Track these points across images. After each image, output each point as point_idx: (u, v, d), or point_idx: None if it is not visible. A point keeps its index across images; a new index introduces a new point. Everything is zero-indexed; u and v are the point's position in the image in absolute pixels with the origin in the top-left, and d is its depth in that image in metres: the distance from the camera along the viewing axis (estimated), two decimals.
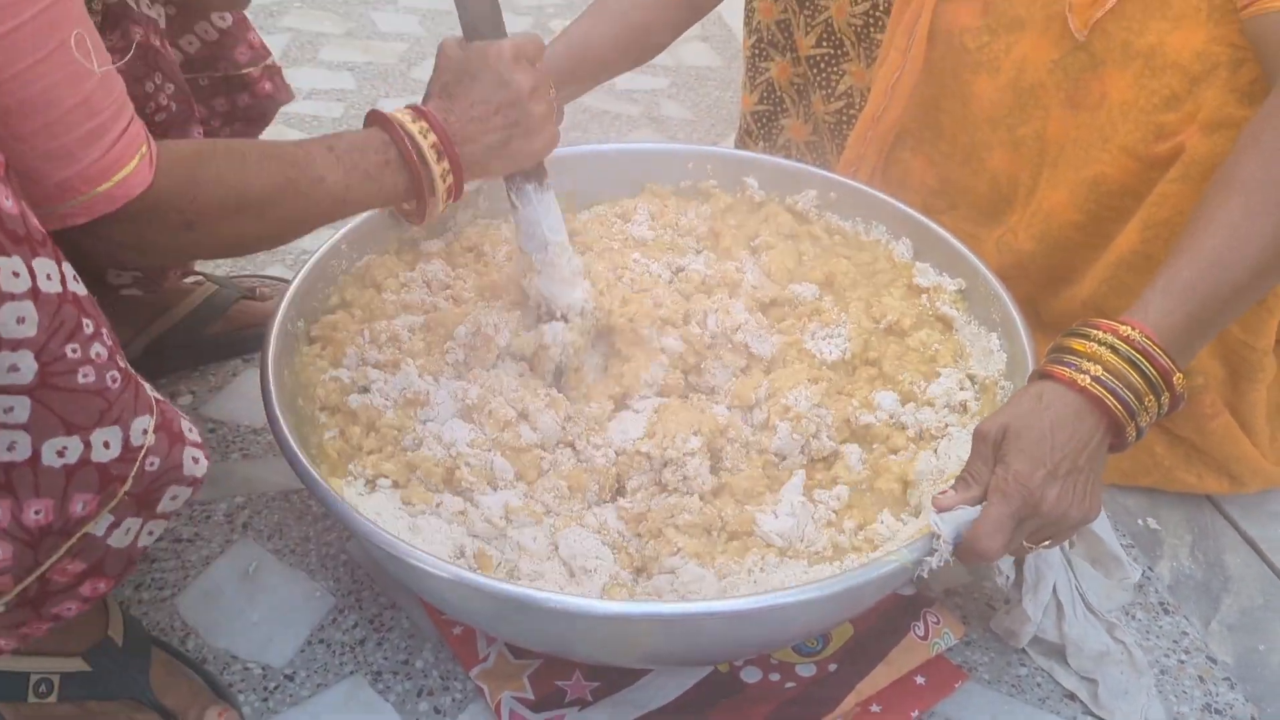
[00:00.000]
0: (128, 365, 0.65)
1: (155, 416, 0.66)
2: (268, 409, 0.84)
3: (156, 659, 0.84)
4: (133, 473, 0.64)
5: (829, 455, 0.92)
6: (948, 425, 0.93)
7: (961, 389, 0.96)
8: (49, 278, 0.58)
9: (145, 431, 0.64)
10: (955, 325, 1.02)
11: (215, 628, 0.93)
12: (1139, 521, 1.10)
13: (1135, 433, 0.76)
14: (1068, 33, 0.99)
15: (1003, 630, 0.94)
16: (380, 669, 0.90)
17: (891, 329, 1.01)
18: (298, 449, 0.81)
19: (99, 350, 0.61)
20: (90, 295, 0.62)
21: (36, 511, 0.61)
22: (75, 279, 0.60)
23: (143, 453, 0.65)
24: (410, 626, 0.94)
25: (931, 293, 1.04)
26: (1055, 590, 0.90)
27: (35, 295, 0.56)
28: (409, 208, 0.89)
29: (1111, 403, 0.74)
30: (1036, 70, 1.02)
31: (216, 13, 1.05)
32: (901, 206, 1.11)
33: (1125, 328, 0.75)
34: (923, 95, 1.15)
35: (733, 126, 1.78)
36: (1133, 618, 0.99)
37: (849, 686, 0.88)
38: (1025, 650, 0.94)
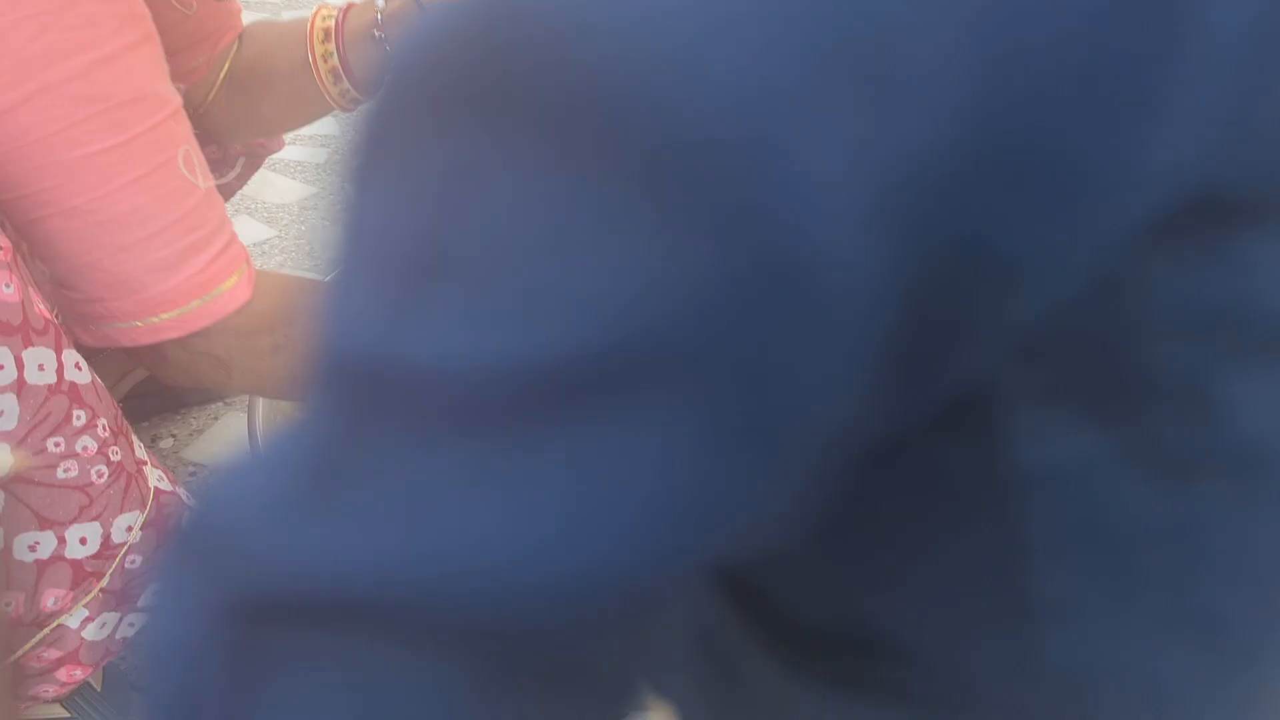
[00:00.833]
0: (128, 457, 0.63)
1: (148, 512, 0.64)
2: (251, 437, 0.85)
3: (137, 705, 0.83)
4: (110, 570, 0.63)
5: None
6: None
7: None
8: (41, 368, 0.57)
9: (130, 529, 0.63)
10: None
11: None
12: None
13: None
14: None
15: None
16: None
17: None
18: None
19: (87, 443, 0.59)
20: (95, 383, 0.61)
21: (6, 604, 0.59)
22: (77, 367, 0.60)
23: (124, 550, 0.63)
24: None
25: None
26: None
27: (20, 387, 0.56)
28: None
29: None
30: None
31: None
32: None
33: None
34: None
35: None
36: None
37: None
38: None
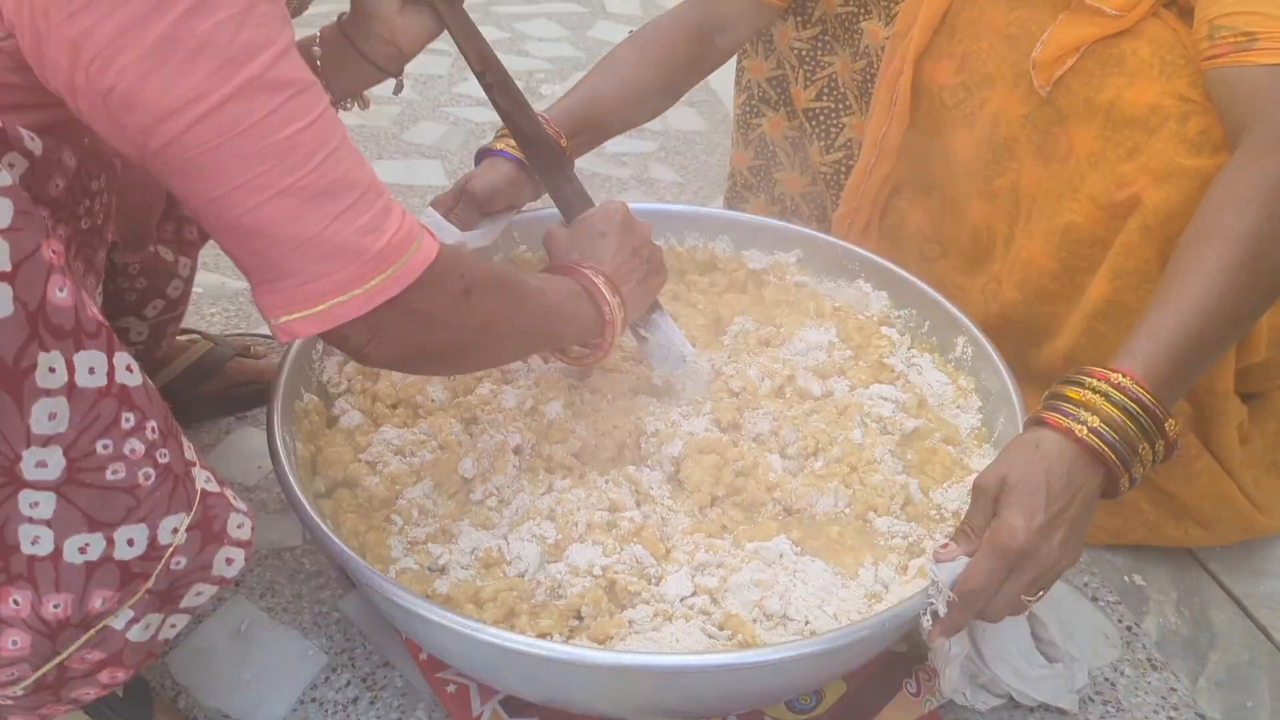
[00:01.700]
0: (176, 459, 0.64)
1: (195, 514, 0.65)
2: (271, 449, 0.86)
3: (158, 709, 0.83)
4: (156, 571, 0.64)
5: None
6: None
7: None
8: (91, 371, 0.58)
9: (175, 530, 0.64)
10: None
11: (206, 687, 0.92)
12: (1124, 578, 1.11)
13: (1129, 481, 0.78)
14: (1034, 89, 1.03)
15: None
16: None
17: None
18: (300, 492, 0.82)
19: (134, 446, 0.61)
20: (146, 385, 0.63)
21: (55, 605, 0.61)
22: (129, 369, 0.61)
23: (169, 552, 0.64)
24: (404, 685, 0.93)
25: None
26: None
27: (70, 391, 0.57)
28: (575, 354, 0.97)
29: (1108, 455, 0.76)
30: (1009, 124, 1.06)
31: None
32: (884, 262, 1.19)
33: (1116, 375, 0.77)
34: (914, 148, 1.20)
35: (719, 189, 1.82)
36: (1121, 674, 1.00)
37: None
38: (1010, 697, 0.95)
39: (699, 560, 0.87)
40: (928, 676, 0.94)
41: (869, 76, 1.32)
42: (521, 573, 0.86)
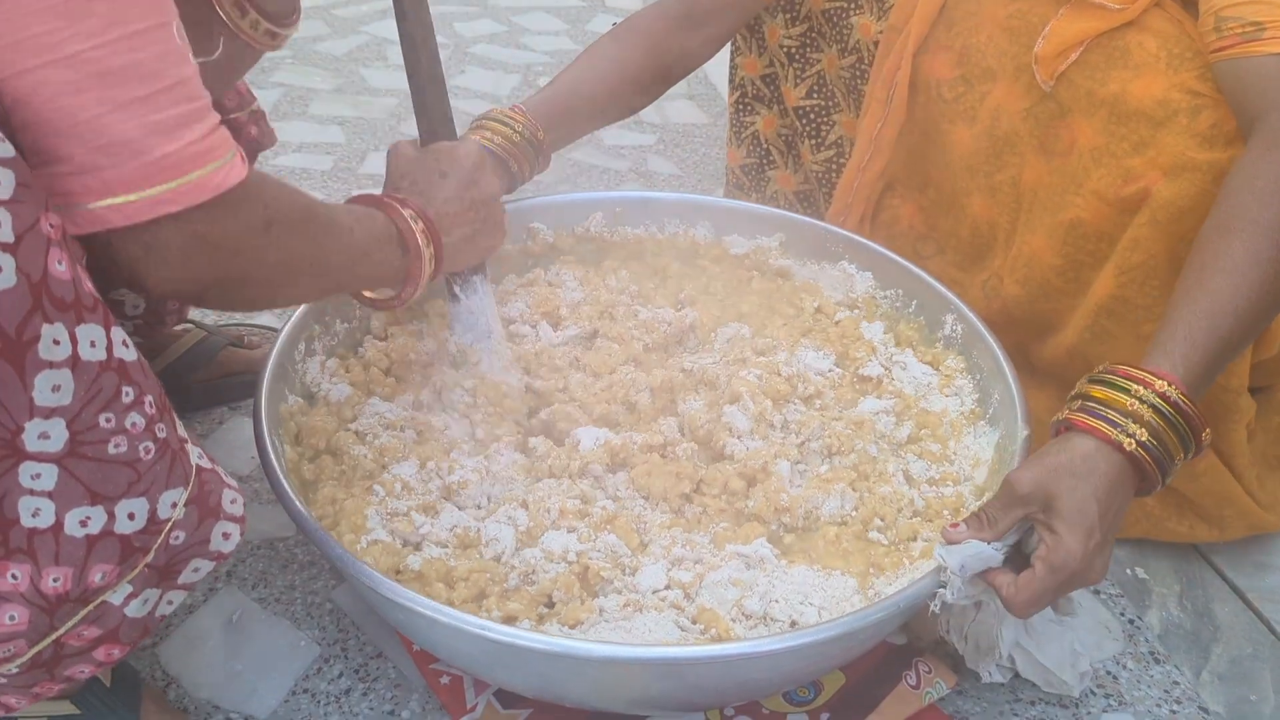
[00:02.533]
0: (172, 434, 0.64)
1: (191, 489, 0.65)
2: (260, 449, 0.84)
3: (147, 699, 0.82)
4: (156, 545, 0.64)
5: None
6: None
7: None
8: (93, 345, 0.58)
9: (174, 505, 0.64)
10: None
11: (197, 677, 0.91)
12: (1127, 571, 1.10)
13: (1160, 485, 0.78)
14: (1036, 82, 1.02)
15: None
16: (366, 719, 0.88)
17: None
18: (290, 489, 0.80)
19: (135, 420, 0.60)
20: (141, 361, 0.62)
21: (55, 579, 0.60)
22: (125, 344, 0.60)
23: (168, 526, 0.64)
24: (397, 676, 0.92)
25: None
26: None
27: (74, 363, 0.57)
28: (378, 296, 0.90)
29: (1153, 469, 0.75)
30: (1010, 119, 1.05)
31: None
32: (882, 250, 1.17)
33: (1162, 383, 0.76)
34: (908, 144, 1.18)
35: (719, 181, 1.81)
36: (1124, 667, 0.99)
37: None
38: (1006, 683, 0.94)
39: (675, 555, 0.86)
40: (927, 669, 0.93)
41: (858, 73, 1.30)
42: (497, 555, 0.85)
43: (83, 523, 0.60)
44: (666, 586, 0.83)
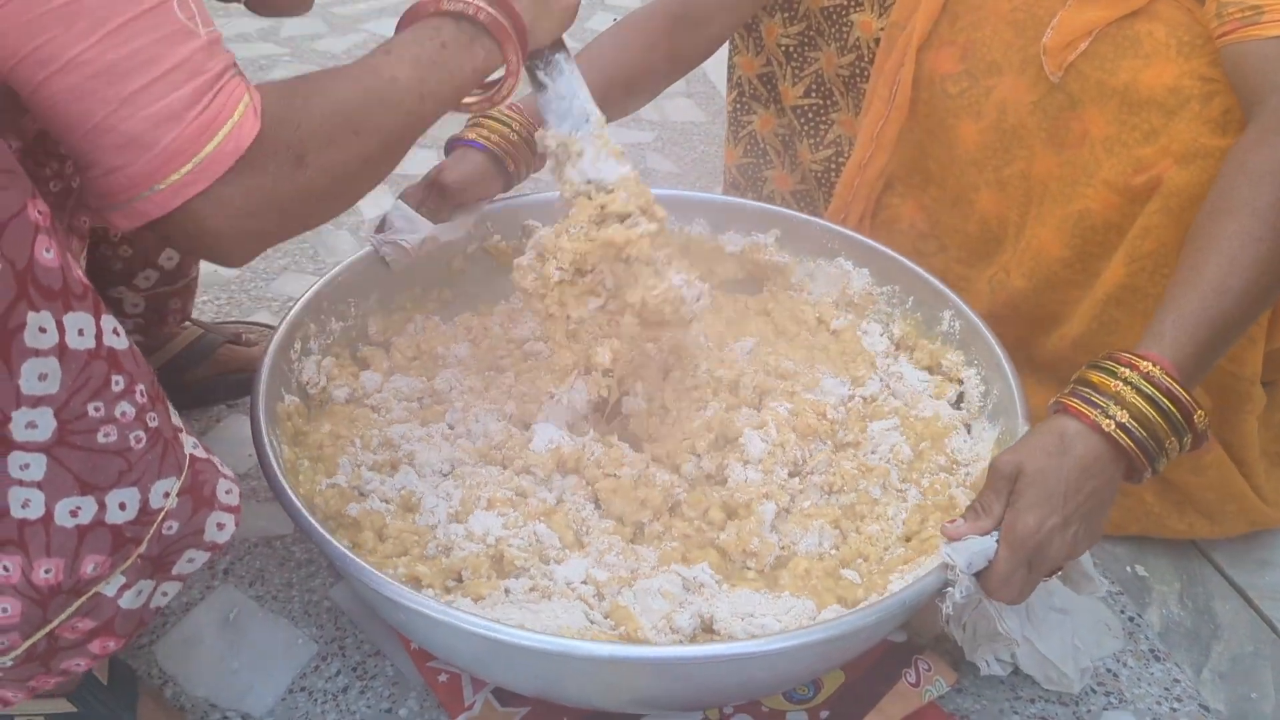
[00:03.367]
0: (165, 423, 0.63)
1: (184, 479, 0.64)
2: (258, 447, 0.84)
3: (144, 697, 0.82)
4: (148, 535, 0.63)
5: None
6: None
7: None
8: (81, 333, 0.57)
9: (167, 495, 0.63)
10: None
11: (194, 676, 0.90)
12: (1126, 568, 1.10)
13: (1151, 473, 0.77)
14: (1044, 74, 1.02)
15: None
16: (363, 718, 0.88)
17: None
18: (288, 487, 0.80)
19: (125, 408, 0.60)
20: (133, 349, 0.61)
21: (46, 570, 0.60)
22: (115, 332, 0.60)
23: (161, 516, 0.63)
24: (395, 674, 0.92)
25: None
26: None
27: (61, 352, 0.56)
28: (475, 100, 0.84)
29: (1134, 451, 0.75)
30: (1017, 112, 1.05)
31: None
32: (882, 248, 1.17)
33: (1146, 363, 0.76)
34: (910, 141, 1.18)
35: (717, 180, 1.80)
36: (1124, 665, 0.99)
37: None
38: (1008, 682, 0.93)
39: (608, 561, 0.86)
40: (927, 666, 0.92)
41: (857, 71, 1.30)
42: (431, 525, 0.88)
43: (73, 513, 0.59)
44: (583, 581, 0.83)
